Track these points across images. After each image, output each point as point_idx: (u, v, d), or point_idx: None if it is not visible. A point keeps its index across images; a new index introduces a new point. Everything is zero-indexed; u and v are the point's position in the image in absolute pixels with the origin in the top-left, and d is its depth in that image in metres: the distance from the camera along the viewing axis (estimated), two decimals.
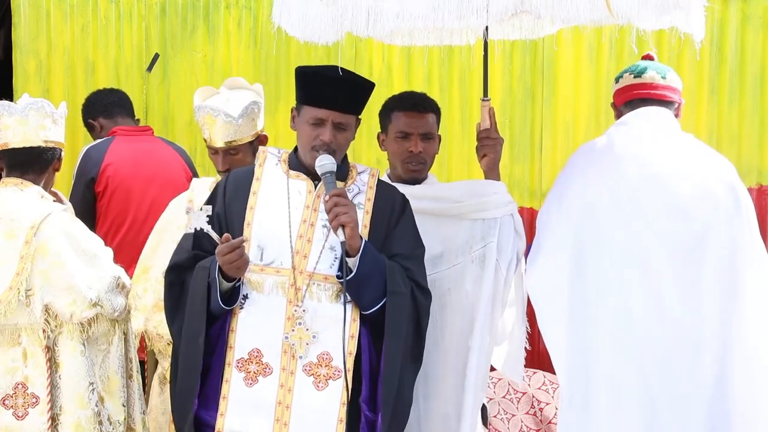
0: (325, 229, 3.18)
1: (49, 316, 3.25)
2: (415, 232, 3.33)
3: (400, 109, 3.67)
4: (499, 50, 5.47)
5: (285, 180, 3.26)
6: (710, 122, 5.42)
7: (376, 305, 3.14)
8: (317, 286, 3.15)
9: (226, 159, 3.83)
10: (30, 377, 3.24)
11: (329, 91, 3.16)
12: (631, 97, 3.52)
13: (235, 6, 5.65)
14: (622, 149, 3.39)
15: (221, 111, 3.79)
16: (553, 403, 5.06)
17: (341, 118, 3.18)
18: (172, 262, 3.25)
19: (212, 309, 3.13)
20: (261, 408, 3.11)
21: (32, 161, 3.38)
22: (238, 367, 3.12)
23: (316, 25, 3.21)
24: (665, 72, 3.51)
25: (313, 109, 3.18)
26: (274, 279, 3.15)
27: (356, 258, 3.09)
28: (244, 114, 3.79)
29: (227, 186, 3.28)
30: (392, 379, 3.13)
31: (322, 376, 3.12)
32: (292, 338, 3.11)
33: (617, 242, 3.31)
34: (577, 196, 3.40)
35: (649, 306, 3.27)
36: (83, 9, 5.67)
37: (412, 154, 3.63)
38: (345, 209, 3.08)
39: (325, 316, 3.13)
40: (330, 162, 3.15)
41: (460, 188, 3.77)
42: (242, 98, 3.89)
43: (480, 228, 3.60)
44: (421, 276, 3.27)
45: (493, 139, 3.69)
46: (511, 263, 3.62)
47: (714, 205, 3.27)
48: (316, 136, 3.18)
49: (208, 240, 3.13)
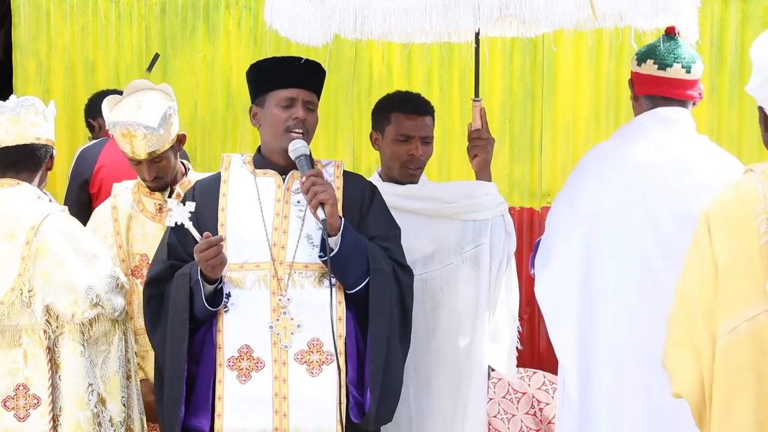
0: (299, 220, 3.20)
1: (50, 316, 3.25)
2: (387, 214, 3.34)
3: (401, 111, 3.63)
4: (499, 50, 5.49)
5: (252, 179, 3.27)
6: (710, 122, 5.42)
7: (360, 284, 3.15)
8: (299, 274, 3.16)
9: (151, 168, 3.72)
10: (31, 378, 3.23)
11: (291, 70, 3.23)
12: (652, 92, 3.41)
13: (235, 6, 5.65)
14: (636, 157, 3.33)
15: (140, 124, 3.65)
16: (553, 403, 5.06)
17: (309, 96, 3.24)
18: (150, 275, 3.25)
19: (196, 313, 3.12)
20: (258, 403, 3.11)
21: (25, 159, 3.37)
22: (230, 366, 3.12)
23: (306, 26, 3.22)
24: (690, 63, 3.38)
25: (281, 91, 3.22)
26: (255, 273, 3.15)
27: (338, 236, 3.10)
28: (163, 123, 3.67)
29: (195, 193, 3.28)
30: (379, 357, 3.13)
31: (315, 362, 3.12)
32: (277, 328, 3.12)
33: (625, 252, 3.28)
34: (588, 202, 3.37)
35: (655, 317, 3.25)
36: (83, 9, 5.67)
37: (413, 157, 3.61)
38: (323, 188, 3.09)
39: (310, 303, 3.13)
40: (302, 145, 3.18)
41: (452, 189, 3.78)
42: (155, 104, 3.75)
43: (471, 229, 3.60)
44: (400, 255, 3.29)
45: (484, 140, 3.68)
46: (501, 264, 3.63)
47: None
48: (288, 117, 3.20)
49: (183, 246, 3.15)
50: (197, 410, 3.13)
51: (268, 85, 3.25)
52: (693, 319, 2.68)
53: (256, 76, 3.30)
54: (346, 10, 3.13)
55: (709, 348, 2.65)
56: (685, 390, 2.71)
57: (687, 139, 3.39)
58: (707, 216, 2.71)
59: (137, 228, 3.78)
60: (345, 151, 5.62)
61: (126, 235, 3.79)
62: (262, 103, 3.27)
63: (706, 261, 2.67)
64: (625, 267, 3.29)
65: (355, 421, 3.14)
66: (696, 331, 2.67)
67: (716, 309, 2.63)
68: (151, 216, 3.77)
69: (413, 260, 3.53)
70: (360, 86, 5.60)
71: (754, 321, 2.58)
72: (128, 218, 3.80)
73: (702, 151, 3.38)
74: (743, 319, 2.59)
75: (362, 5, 3.12)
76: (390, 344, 3.18)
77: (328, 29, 3.19)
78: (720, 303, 2.62)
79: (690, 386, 2.70)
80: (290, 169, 3.25)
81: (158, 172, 3.72)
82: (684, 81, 3.39)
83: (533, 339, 5.47)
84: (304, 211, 3.20)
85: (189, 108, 5.59)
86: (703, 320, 2.65)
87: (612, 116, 5.49)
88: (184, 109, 5.61)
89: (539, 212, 5.48)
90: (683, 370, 2.71)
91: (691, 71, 3.39)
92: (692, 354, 2.69)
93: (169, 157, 3.73)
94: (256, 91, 3.30)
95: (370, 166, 5.52)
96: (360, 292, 3.17)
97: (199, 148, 5.57)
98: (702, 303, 2.66)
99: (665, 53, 3.39)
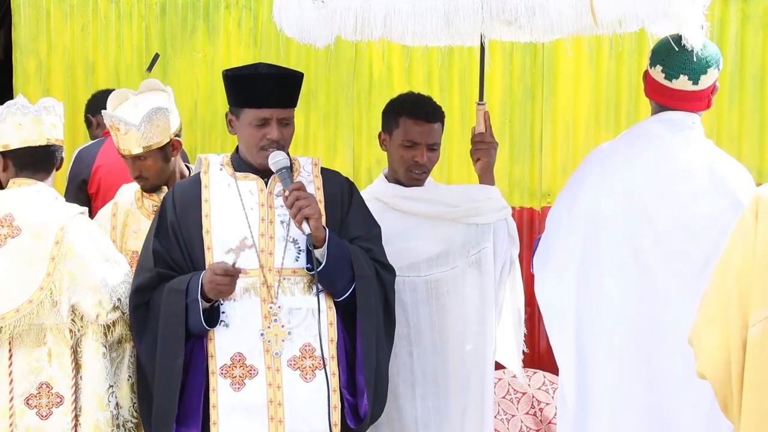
0: (284, 225, 3.19)
1: (75, 316, 3.27)
2: (367, 213, 3.35)
3: (410, 116, 3.58)
4: (499, 50, 5.49)
5: (234, 182, 3.25)
6: (710, 122, 5.41)
7: (347, 291, 3.16)
8: (288, 280, 3.16)
9: (135, 165, 3.74)
10: (54, 377, 3.24)
11: (265, 90, 3.16)
12: (657, 99, 3.38)
13: (235, 6, 5.65)
14: (638, 162, 3.32)
15: (122, 120, 3.69)
16: (552, 404, 5.06)
17: (284, 113, 3.20)
18: (137, 284, 3.23)
19: (191, 328, 3.12)
20: (253, 410, 3.11)
21: (44, 159, 3.39)
22: (223, 374, 3.11)
23: (311, 28, 3.22)
24: (699, 73, 3.27)
25: (254, 110, 3.17)
26: (245, 281, 3.14)
27: (323, 249, 3.11)
28: (146, 120, 3.67)
29: (175, 198, 3.26)
30: (371, 361, 3.15)
31: (308, 367, 3.13)
32: (268, 335, 3.12)
33: (624, 257, 3.28)
34: (588, 206, 3.35)
35: (653, 325, 3.25)
36: (83, 9, 5.67)
37: (418, 164, 3.60)
38: (307, 202, 3.09)
39: (300, 309, 3.14)
40: (283, 158, 3.16)
41: (456, 192, 3.77)
42: (148, 104, 3.77)
43: (474, 233, 3.61)
44: (382, 255, 3.30)
45: (487, 143, 3.66)
46: (504, 267, 3.64)
47: (724, 228, 3.19)
48: (262, 136, 3.18)
49: (168, 252, 3.16)
50: (187, 419, 3.12)
51: (242, 101, 3.21)
52: (728, 299, 2.65)
53: (230, 87, 3.25)
54: (347, 12, 3.13)
55: (740, 332, 2.61)
56: (709, 371, 2.68)
57: (692, 144, 3.34)
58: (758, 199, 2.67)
59: (133, 224, 3.80)
60: (345, 151, 5.62)
61: (122, 230, 3.81)
62: (237, 114, 3.24)
63: (749, 244, 2.63)
64: (624, 272, 3.28)
65: (352, 426, 3.15)
66: (728, 312, 2.64)
67: (752, 293, 2.61)
68: (147, 214, 3.78)
69: (417, 262, 3.54)
70: (360, 86, 5.60)
71: None
72: (126, 215, 3.82)
73: (706, 157, 3.33)
74: None
75: (363, 7, 3.11)
76: (378, 347, 3.20)
77: (330, 31, 3.18)
78: (757, 288, 2.59)
79: (715, 367, 2.67)
80: (270, 172, 3.22)
81: (141, 171, 3.73)
82: (689, 93, 3.30)
83: (533, 339, 5.46)
84: (288, 215, 3.19)
85: (189, 108, 5.59)
86: (738, 302, 2.62)
87: (612, 116, 5.49)
88: (184, 109, 5.61)
89: (539, 212, 5.48)
90: (710, 351, 2.67)
91: (699, 82, 3.28)
92: (721, 335, 2.66)
93: (155, 157, 3.72)
94: (231, 101, 3.26)
95: (370, 166, 5.53)
96: (346, 299, 3.18)
97: (199, 148, 5.56)
98: (739, 284, 2.62)
99: (675, 62, 3.28)
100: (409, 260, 3.52)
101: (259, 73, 3.19)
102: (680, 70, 3.28)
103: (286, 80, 3.21)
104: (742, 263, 2.64)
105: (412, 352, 3.57)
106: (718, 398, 2.70)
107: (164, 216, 3.24)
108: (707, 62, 3.28)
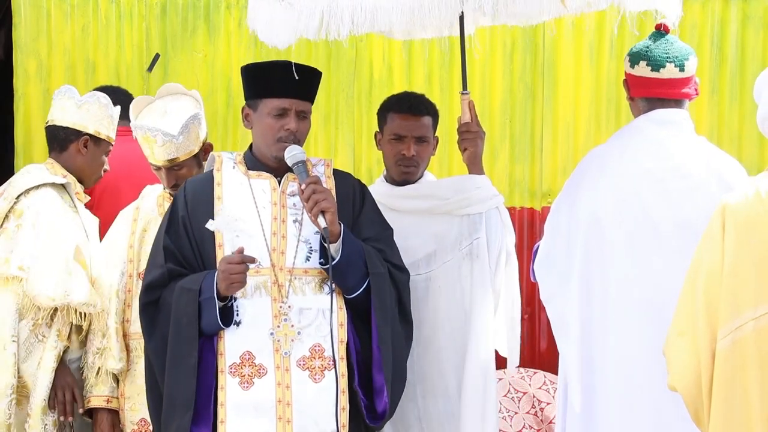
0: (296, 224, 3.19)
1: None
2: (378, 214, 3.36)
3: (395, 110, 3.66)
4: (499, 50, 5.49)
5: (246, 181, 3.25)
6: (710, 122, 5.42)
7: (359, 288, 3.17)
8: (299, 280, 3.16)
9: (170, 175, 3.68)
10: None
11: (287, 80, 3.18)
12: (647, 94, 3.41)
13: (236, 6, 5.64)
14: (634, 162, 3.32)
15: (159, 130, 3.62)
16: (553, 403, 5.06)
17: (302, 105, 3.22)
18: (147, 281, 3.23)
19: (204, 327, 3.11)
20: (261, 409, 3.11)
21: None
22: (232, 373, 3.11)
23: (278, 29, 3.21)
24: (683, 60, 3.36)
25: (274, 100, 3.19)
26: (255, 280, 3.14)
27: (338, 243, 3.11)
28: (183, 131, 3.63)
29: (187, 195, 3.26)
30: (388, 361, 3.15)
31: (317, 368, 3.13)
32: (278, 334, 3.12)
33: (625, 259, 3.28)
34: (586, 209, 3.34)
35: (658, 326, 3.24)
36: (83, 9, 5.66)
37: (404, 157, 3.62)
38: (323, 195, 3.09)
39: (311, 309, 3.15)
40: (300, 151, 3.17)
41: (445, 185, 3.79)
42: (180, 111, 3.72)
43: (467, 224, 3.61)
44: (395, 256, 3.30)
45: (473, 132, 3.65)
46: (500, 257, 3.63)
47: None
48: (280, 127, 3.19)
49: (179, 249, 3.15)
50: (197, 417, 3.11)
51: (261, 92, 3.22)
52: (697, 313, 2.67)
53: (250, 79, 3.27)
54: (314, 10, 3.14)
55: (709, 345, 2.64)
56: (679, 383, 2.70)
57: (685, 141, 3.37)
58: (724, 209, 2.69)
59: (153, 230, 3.77)
60: (345, 151, 5.61)
61: (141, 236, 3.76)
62: (254, 107, 3.25)
63: (717, 256, 2.65)
64: (626, 275, 3.28)
65: (371, 425, 3.15)
66: (697, 325, 2.66)
67: (720, 307, 2.62)
68: None
69: (416, 260, 3.54)
70: (360, 86, 5.60)
71: (761, 320, 2.58)
72: (147, 222, 3.78)
73: (700, 153, 3.36)
74: (750, 317, 2.58)
75: (329, 6, 3.13)
76: (395, 345, 3.18)
77: (295, 31, 3.18)
78: (726, 300, 2.61)
79: (685, 380, 2.69)
80: (284, 171, 3.23)
81: (177, 180, 3.66)
82: (678, 80, 3.37)
83: (533, 339, 5.47)
84: (301, 215, 3.19)
85: None
86: (706, 315, 2.64)
87: (612, 116, 5.49)
88: None
89: (539, 212, 5.48)
90: (681, 363, 2.70)
91: (685, 69, 3.37)
92: (691, 348, 2.68)
93: (191, 165, 3.69)
94: (249, 94, 3.27)
95: (370, 166, 5.52)
96: (358, 297, 3.18)
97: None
98: (707, 297, 2.65)
99: (657, 53, 3.36)
100: (410, 260, 3.52)
101: (279, 63, 3.22)
102: (665, 59, 3.35)
103: (305, 73, 3.23)
104: (709, 276, 2.66)
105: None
106: (690, 410, 2.71)
107: (176, 212, 3.24)
108: (686, 49, 3.39)
